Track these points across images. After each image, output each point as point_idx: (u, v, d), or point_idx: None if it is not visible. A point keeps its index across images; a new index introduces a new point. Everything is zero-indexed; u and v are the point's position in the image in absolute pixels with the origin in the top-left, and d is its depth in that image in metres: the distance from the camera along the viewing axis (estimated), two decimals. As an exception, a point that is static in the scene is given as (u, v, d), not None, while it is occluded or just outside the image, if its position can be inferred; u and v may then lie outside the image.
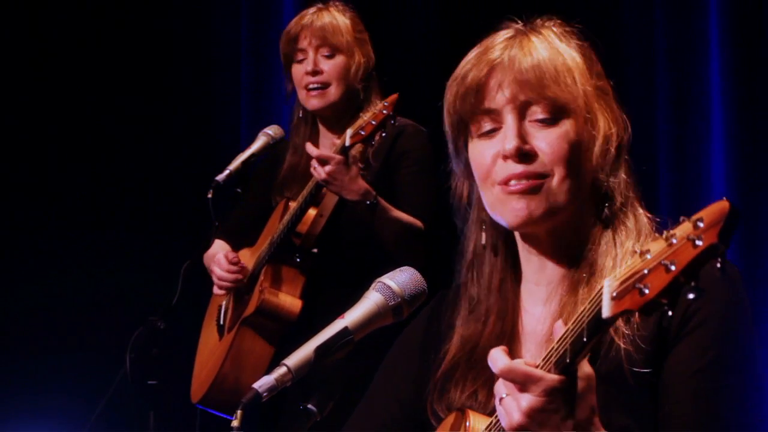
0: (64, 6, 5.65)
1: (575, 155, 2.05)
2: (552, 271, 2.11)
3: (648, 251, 1.63)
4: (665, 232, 1.62)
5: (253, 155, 4.06)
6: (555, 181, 2.04)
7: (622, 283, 1.65)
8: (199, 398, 4.11)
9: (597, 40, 2.16)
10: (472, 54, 2.12)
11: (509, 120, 2.05)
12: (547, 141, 2.04)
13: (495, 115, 2.07)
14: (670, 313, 1.61)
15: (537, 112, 2.06)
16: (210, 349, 4.24)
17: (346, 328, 1.99)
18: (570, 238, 2.09)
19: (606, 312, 1.67)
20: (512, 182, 2.04)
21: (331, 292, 3.99)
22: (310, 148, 3.86)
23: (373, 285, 2.05)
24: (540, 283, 2.13)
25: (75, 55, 5.64)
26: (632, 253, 1.68)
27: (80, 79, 5.63)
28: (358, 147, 3.87)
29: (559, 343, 1.77)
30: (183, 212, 5.38)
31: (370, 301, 2.03)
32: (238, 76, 5.63)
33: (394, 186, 3.98)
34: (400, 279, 2.06)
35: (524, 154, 2.04)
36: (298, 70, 4.12)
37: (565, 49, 2.09)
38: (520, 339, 2.13)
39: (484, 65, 2.08)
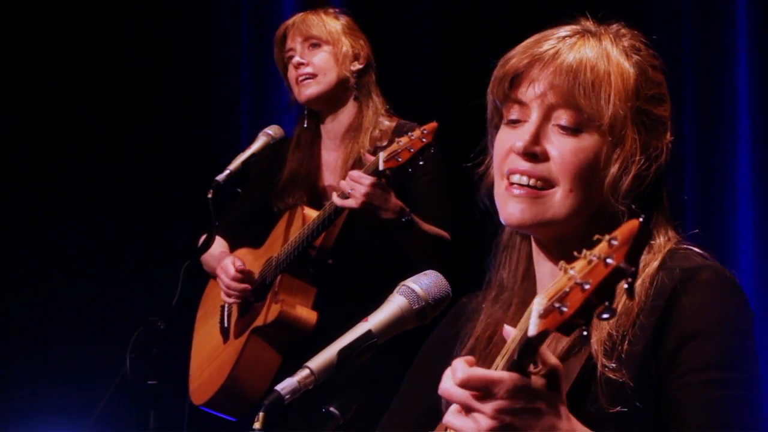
0: (65, 7, 5.65)
1: (586, 172, 1.99)
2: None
3: (573, 268, 1.60)
4: (584, 251, 1.59)
5: (253, 155, 4.05)
6: (559, 194, 1.99)
7: (549, 300, 1.62)
8: (204, 401, 4.12)
9: (664, 62, 2.09)
10: (527, 41, 2.06)
11: (533, 117, 2.01)
12: (560, 149, 1.99)
13: (524, 107, 2.03)
14: (585, 333, 1.57)
15: (561, 117, 2.00)
16: (211, 350, 4.23)
17: (369, 332, 1.97)
18: (576, 250, 2.06)
19: (532, 330, 1.64)
20: (515, 178, 2.00)
21: (343, 302, 3.98)
22: (350, 173, 3.80)
23: (396, 288, 2.03)
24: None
25: (74, 55, 5.63)
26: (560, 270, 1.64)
27: (80, 79, 5.63)
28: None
29: (502, 357, 1.75)
30: (183, 212, 5.38)
31: (394, 304, 2.01)
32: (238, 76, 5.63)
33: (411, 195, 3.96)
34: (425, 283, 2.04)
35: (533, 155, 2.00)
36: (290, 68, 4.13)
37: (618, 62, 2.02)
38: None
39: (527, 56, 2.02)
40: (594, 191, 2.00)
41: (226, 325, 4.20)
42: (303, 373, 1.95)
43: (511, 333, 1.75)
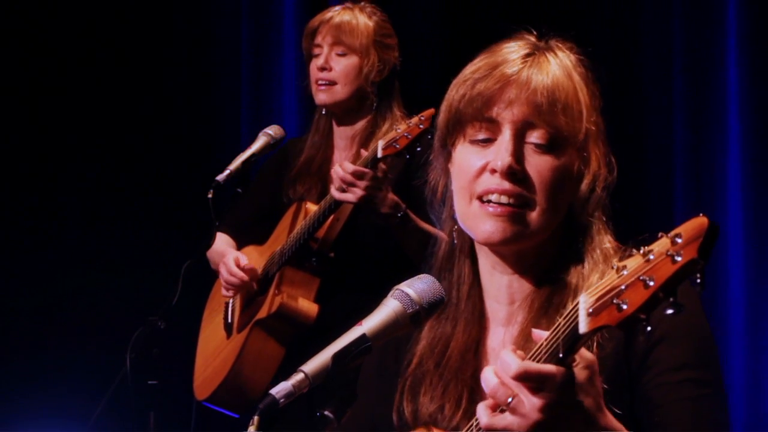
0: (66, 7, 5.65)
1: (562, 189, 2.05)
2: (514, 291, 2.11)
3: (624, 267, 1.63)
4: (643, 248, 1.62)
5: (253, 155, 4.05)
6: (536, 212, 2.04)
7: (598, 299, 1.65)
8: (206, 396, 4.12)
9: (603, 70, 2.14)
10: (483, 61, 2.09)
11: (507, 136, 2.04)
12: (539, 168, 2.04)
13: (494, 126, 2.06)
14: (648, 328, 1.61)
15: (537, 136, 2.05)
16: (215, 346, 4.24)
17: (363, 335, 1.97)
18: (536, 262, 2.09)
19: (583, 328, 1.66)
20: (493, 197, 2.03)
21: (346, 296, 3.99)
22: (346, 165, 3.78)
23: (391, 292, 2.03)
24: (501, 302, 2.13)
25: (74, 55, 5.63)
26: (602, 272, 1.67)
27: (80, 79, 5.63)
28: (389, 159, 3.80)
29: (534, 356, 1.77)
30: (183, 212, 5.38)
31: (388, 308, 2.01)
32: (238, 76, 5.63)
33: (412, 192, 3.95)
34: (419, 287, 2.03)
35: (513, 174, 2.03)
36: (313, 65, 4.11)
37: (577, 78, 2.08)
38: (486, 355, 2.13)
39: (498, 78, 2.06)
40: (565, 206, 2.07)
41: (229, 320, 4.22)
42: (298, 377, 1.95)
43: (543, 335, 1.77)
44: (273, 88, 5.54)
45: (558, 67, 2.07)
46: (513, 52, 2.09)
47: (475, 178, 2.06)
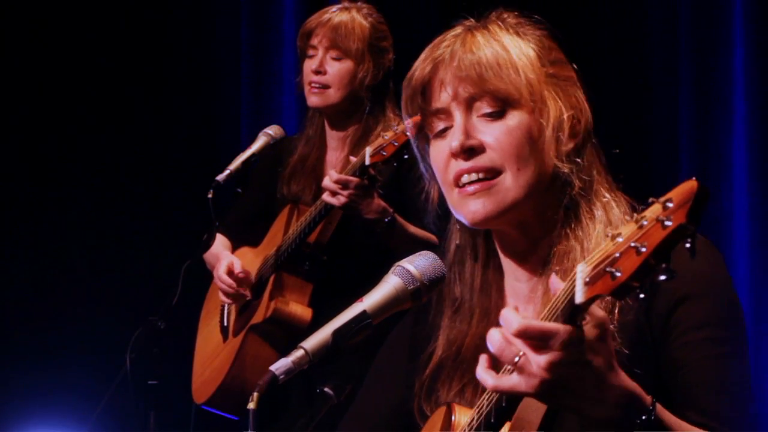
0: (65, 8, 5.65)
1: (525, 147, 2.04)
2: (529, 266, 2.11)
3: (619, 234, 1.61)
4: (635, 215, 1.60)
5: (253, 155, 4.05)
6: (508, 177, 2.04)
7: (594, 267, 1.63)
8: (205, 400, 4.12)
9: (552, 27, 2.14)
10: (422, 54, 2.13)
11: (457, 116, 2.06)
12: (493, 135, 2.04)
13: (444, 114, 2.08)
14: (642, 295, 1.60)
15: (482, 106, 2.06)
16: (212, 349, 4.24)
17: (364, 312, 1.98)
18: (538, 231, 2.09)
19: (579, 298, 1.65)
20: (464, 179, 2.04)
21: (339, 299, 3.97)
22: (332, 174, 3.79)
23: (392, 269, 2.04)
24: (520, 279, 2.13)
25: (74, 55, 5.64)
26: (604, 238, 1.67)
27: (79, 79, 5.63)
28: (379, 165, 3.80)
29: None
30: (183, 212, 5.38)
31: (389, 284, 2.02)
32: (238, 76, 5.63)
33: (405, 198, 3.95)
34: (420, 263, 2.04)
35: (470, 150, 2.04)
36: (307, 66, 4.09)
37: (511, 41, 2.08)
38: None
39: (427, 63, 2.09)
40: (539, 162, 2.06)
41: (225, 323, 4.22)
42: (298, 353, 1.95)
43: (558, 285, 1.76)
44: (273, 88, 5.54)
45: (483, 37, 2.08)
46: (444, 36, 2.12)
47: (445, 169, 2.08)
